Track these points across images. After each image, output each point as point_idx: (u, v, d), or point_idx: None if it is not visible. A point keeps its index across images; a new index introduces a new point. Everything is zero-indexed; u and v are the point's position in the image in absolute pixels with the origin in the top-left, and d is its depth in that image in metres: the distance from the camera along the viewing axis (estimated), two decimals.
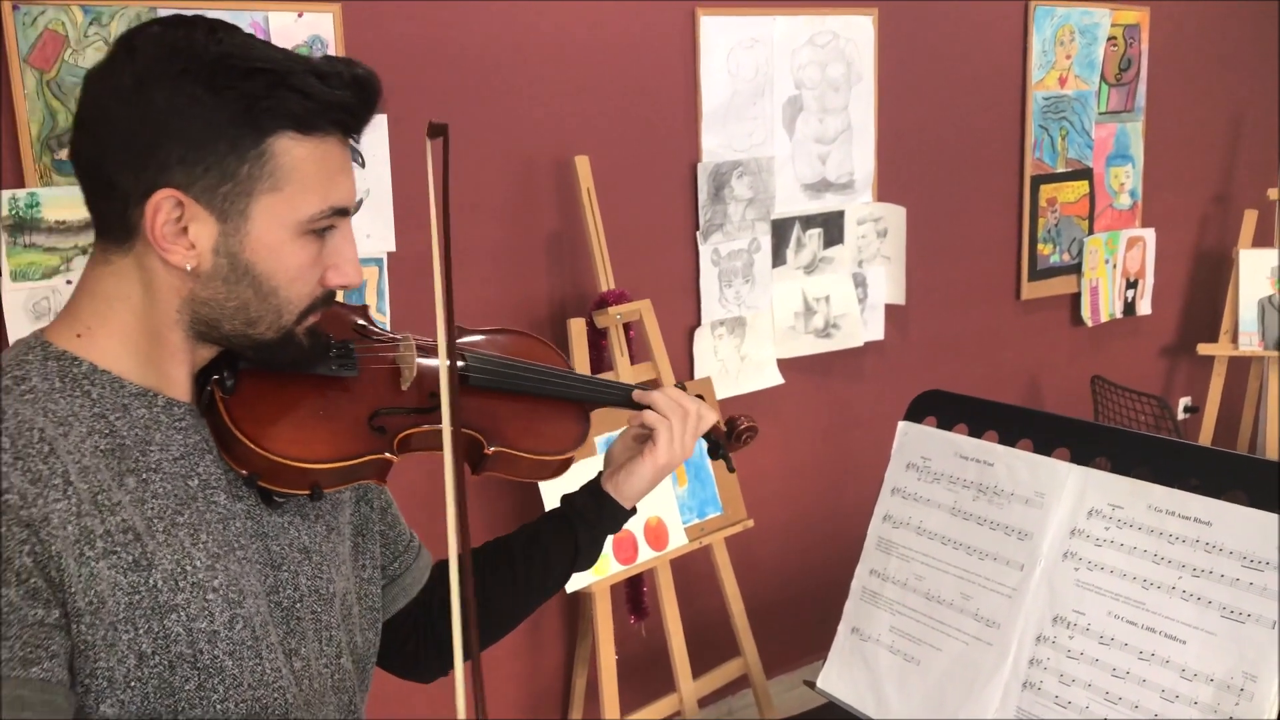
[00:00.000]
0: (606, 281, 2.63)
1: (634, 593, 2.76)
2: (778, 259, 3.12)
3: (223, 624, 0.92)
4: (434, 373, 1.09)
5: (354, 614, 1.10)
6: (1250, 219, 3.82)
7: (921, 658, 1.33)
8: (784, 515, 3.28)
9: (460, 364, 1.13)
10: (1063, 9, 3.68)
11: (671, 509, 2.60)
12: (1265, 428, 3.93)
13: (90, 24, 2.07)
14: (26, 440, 0.86)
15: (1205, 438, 3.85)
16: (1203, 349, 3.86)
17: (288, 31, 2.27)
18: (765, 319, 3.12)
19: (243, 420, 0.95)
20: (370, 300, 2.44)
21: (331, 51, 2.33)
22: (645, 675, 2.93)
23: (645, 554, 2.53)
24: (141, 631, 0.88)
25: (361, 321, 1.14)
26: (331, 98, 0.91)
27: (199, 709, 0.91)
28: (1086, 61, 3.79)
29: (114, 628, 0.86)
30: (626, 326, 2.63)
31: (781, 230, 3.11)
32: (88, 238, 2.10)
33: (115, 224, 0.92)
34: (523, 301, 2.71)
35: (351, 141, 0.98)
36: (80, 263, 2.09)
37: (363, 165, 1.01)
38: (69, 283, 2.09)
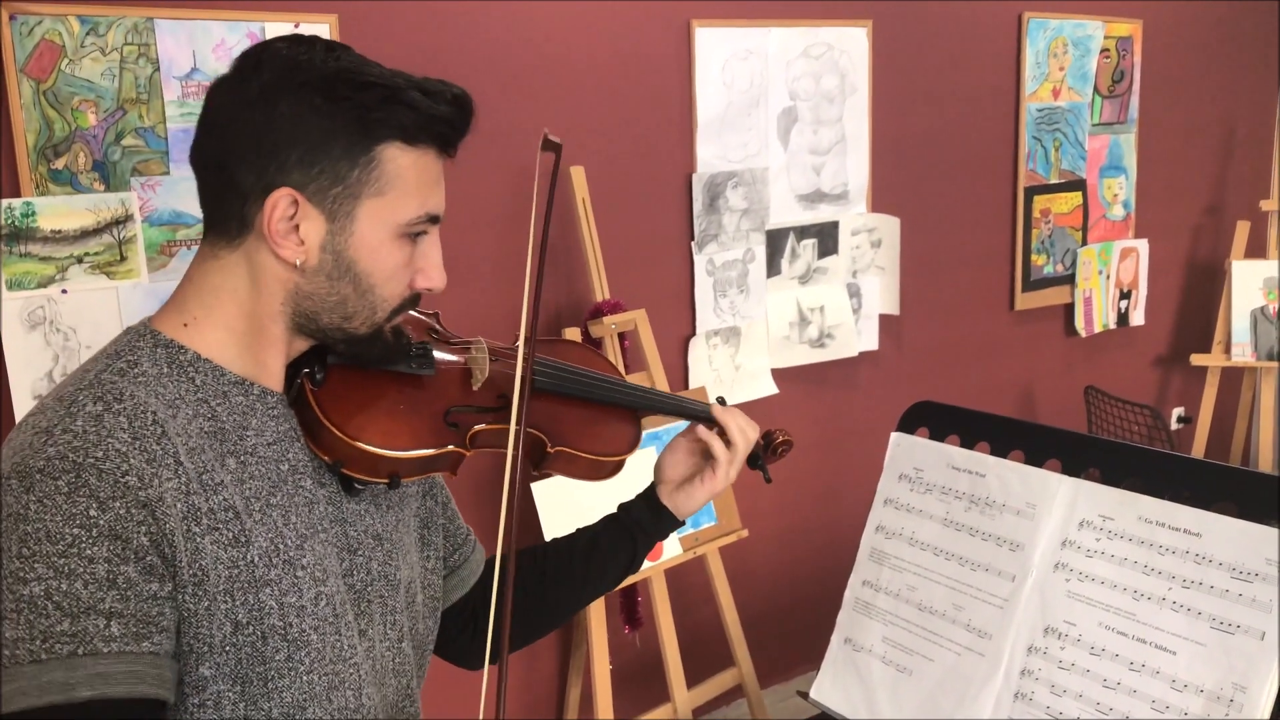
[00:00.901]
0: (601, 291, 2.63)
1: (628, 603, 2.76)
2: (772, 269, 3.13)
3: (309, 600, 0.99)
4: (503, 375, 1.18)
5: (418, 602, 1.16)
6: (1243, 230, 3.84)
7: (914, 668, 1.33)
8: (778, 525, 3.28)
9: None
10: (1056, 21, 3.70)
11: None
12: (1258, 438, 3.95)
13: (87, 34, 2.08)
14: (143, 422, 0.92)
15: (1199, 448, 3.86)
16: (1196, 359, 3.87)
17: None
18: (760, 329, 3.13)
19: (331, 411, 1.03)
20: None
21: None
22: (640, 685, 2.93)
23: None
24: (238, 603, 0.94)
25: (435, 326, 1.22)
26: (435, 112, 1.00)
27: (286, 678, 0.97)
28: (1079, 73, 3.81)
29: (215, 598, 0.92)
30: (621, 336, 2.64)
31: (776, 240, 3.12)
32: (83, 247, 2.10)
33: (231, 219, 0.99)
34: (518, 310, 2.71)
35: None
36: (76, 272, 2.10)
37: (453, 158, 1.07)
38: (64, 292, 2.09)
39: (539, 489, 2.37)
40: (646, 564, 2.53)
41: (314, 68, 0.97)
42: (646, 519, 1.34)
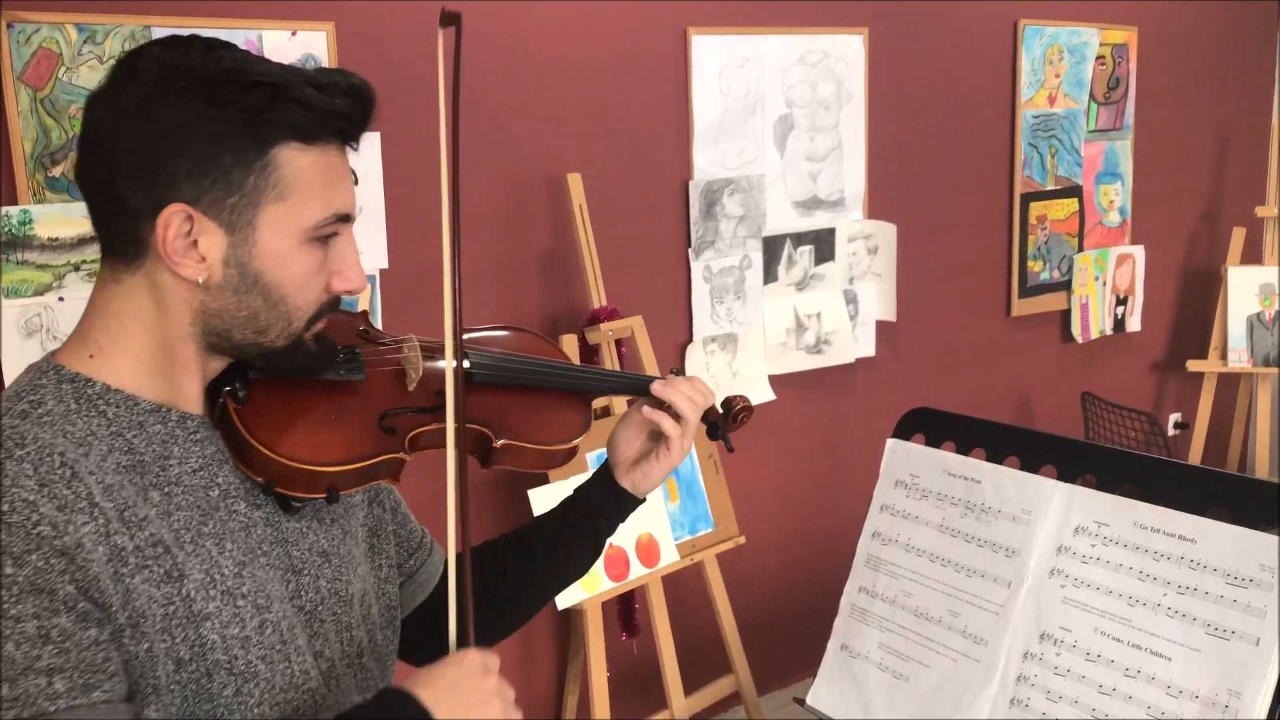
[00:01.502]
0: (599, 298, 2.64)
1: (625, 610, 2.76)
2: (769, 276, 3.13)
3: (254, 629, 0.95)
4: (439, 372, 1.12)
5: (373, 614, 1.12)
6: (1238, 236, 3.85)
7: (910, 674, 1.33)
8: (776, 531, 3.28)
9: (465, 362, 1.16)
10: (1051, 28, 3.71)
11: (663, 525, 2.60)
12: (1255, 444, 3.95)
13: (84, 42, 2.08)
14: (49, 466, 0.87)
15: (1195, 454, 3.87)
16: (1192, 365, 3.88)
17: (281, 50, 2.29)
18: (757, 335, 3.13)
19: (258, 428, 0.98)
20: (363, 308, 2.45)
21: None
22: (637, 692, 2.93)
23: (637, 571, 2.53)
24: (179, 640, 0.90)
25: (363, 327, 1.17)
26: (330, 107, 0.94)
27: (236, 713, 0.93)
28: (1075, 80, 3.82)
29: (154, 639, 0.88)
30: (618, 342, 2.64)
31: (773, 247, 3.13)
32: (80, 254, 2.11)
33: (125, 242, 0.94)
34: (515, 317, 2.72)
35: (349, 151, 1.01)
36: (73, 280, 2.10)
37: (356, 182, 1.01)
38: (61, 299, 2.09)
39: (535, 494, 2.37)
40: (643, 570, 2.53)
41: (194, 71, 0.90)
42: (606, 502, 1.29)
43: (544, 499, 2.39)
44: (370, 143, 2.41)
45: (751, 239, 3.08)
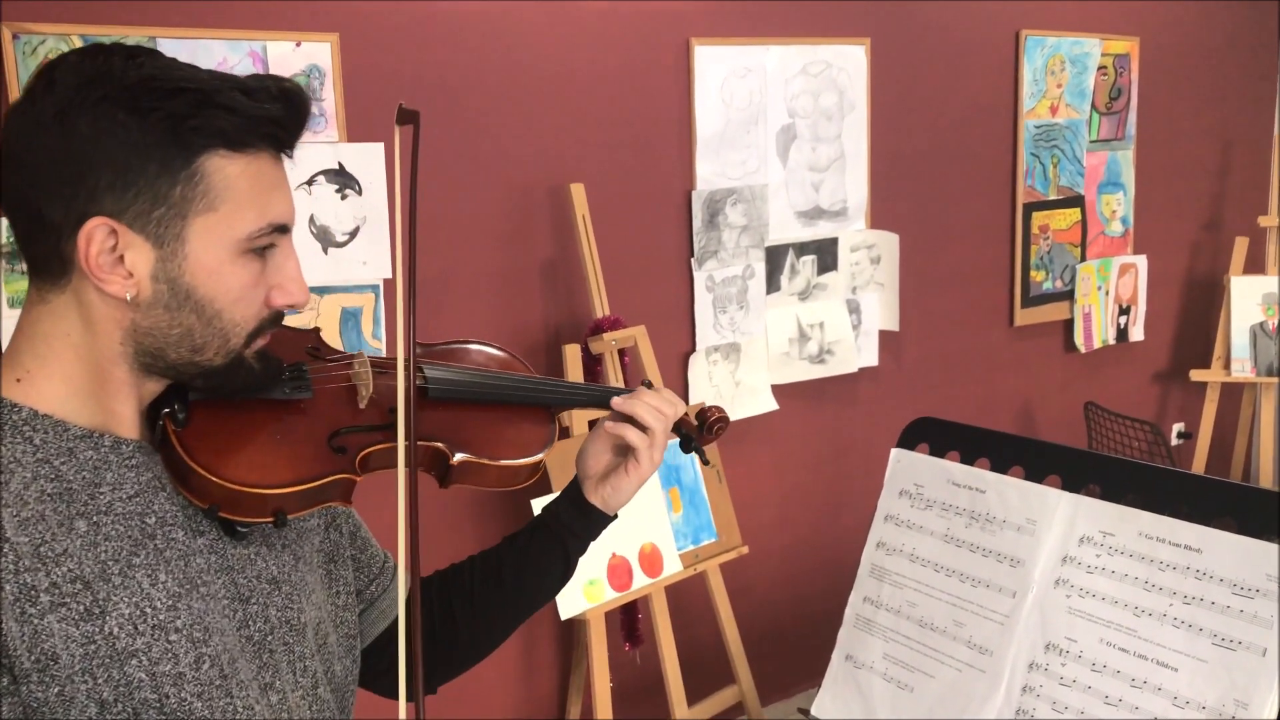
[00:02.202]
0: (601, 308, 2.64)
1: (629, 620, 2.75)
2: (772, 285, 3.13)
3: (188, 665, 0.90)
4: (391, 389, 1.07)
5: (330, 642, 1.07)
6: (1241, 246, 3.85)
7: (915, 685, 1.33)
8: (779, 541, 3.28)
9: (419, 377, 1.12)
10: (1053, 39, 3.72)
11: (666, 536, 2.60)
12: (1259, 454, 3.94)
13: None
14: None
15: (1199, 464, 3.86)
16: (1195, 375, 3.87)
17: (286, 61, 2.30)
18: (760, 345, 3.13)
19: (198, 451, 0.93)
20: (367, 327, 2.45)
21: (330, 81, 2.35)
22: (640, 703, 2.92)
23: (640, 581, 2.53)
24: (101, 680, 0.85)
25: (313, 345, 1.12)
26: (259, 112, 0.90)
27: None
28: (1077, 90, 3.83)
29: (70, 681, 0.83)
30: (621, 352, 2.64)
31: (775, 257, 3.13)
32: None
33: (49, 259, 0.89)
34: (518, 327, 2.72)
35: (285, 155, 0.97)
36: None
37: (291, 158, 0.99)
38: None
39: (538, 505, 2.37)
40: (646, 581, 2.53)
41: (113, 78, 0.86)
42: (574, 520, 1.23)
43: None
44: (373, 153, 2.41)
45: (754, 249, 3.08)
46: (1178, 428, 4.45)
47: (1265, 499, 1.15)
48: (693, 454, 1.30)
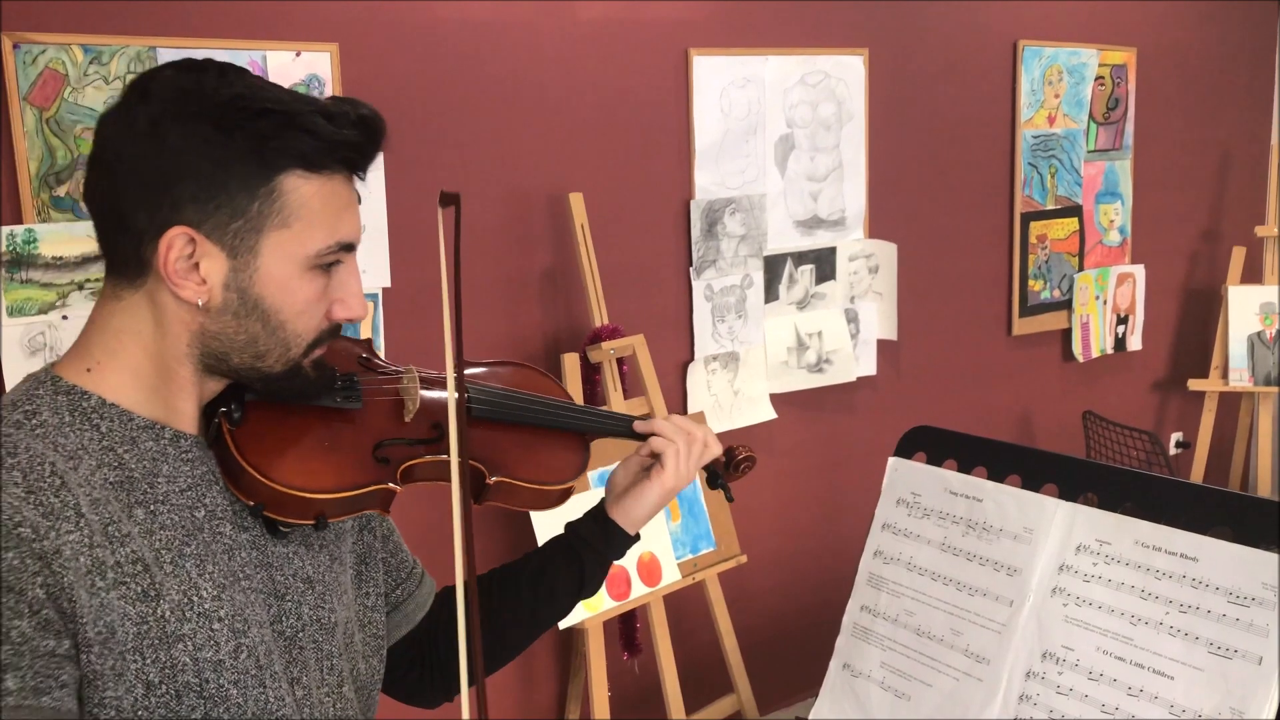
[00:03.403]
0: (600, 316, 2.64)
1: (627, 629, 2.75)
2: (770, 295, 3.14)
3: (228, 653, 0.94)
4: (437, 404, 1.11)
5: (356, 642, 1.11)
6: (1239, 255, 3.86)
7: (912, 694, 1.33)
8: (777, 550, 3.28)
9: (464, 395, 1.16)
10: (1051, 49, 3.73)
11: (665, 544, 2.60)
12: (1257, 463, 3.95)
13: (90, 63, 2.10)
14: (38, 474, 0.88)
15: (1197, 473, 3.86)
16: (1193, 384, 3.88)
17: (285, 70, 2.30)
18: (758, 354, 3.14)
19: (250, 451, 0.98)
20: (365, 334, 2.46)
21: (329, 91, 2.36)
22: (638, 712, 2.92)
23: (638, 590, 2.53)
24: (149, 661, 0.89)
25: (365, 355, 1.16)
26: (338, 137, 0.94)
27: None
28: (1075, 100, 3.84)
29: (123, 657, 0.88)
30: (620, 361, 2.65)
31: (774, 266, 3.14)
32: (84, 273, 2.11)
33: (128, 260, 0.94)
34: (517, 336, 2.73)
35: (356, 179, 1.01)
36: (76, 298, 2.11)
37: (359, 202, 1.02)
38: (65, 318, 2.10)
39: (537, 518, 2.37)
40: (644, 589, 2.53)
41: (205, 95, 0.91)
42: (594, 535, 1.26)
43: (545, 520, 2.39)
44: (375, 162, 2.41)
45: (753, 258, 3.09)
46: (1176, 437, 4.46)
47: (1261, 508, 1.15)
48: (718, 489, 1.34)
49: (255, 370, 0.98)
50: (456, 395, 0.94)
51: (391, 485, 1.04)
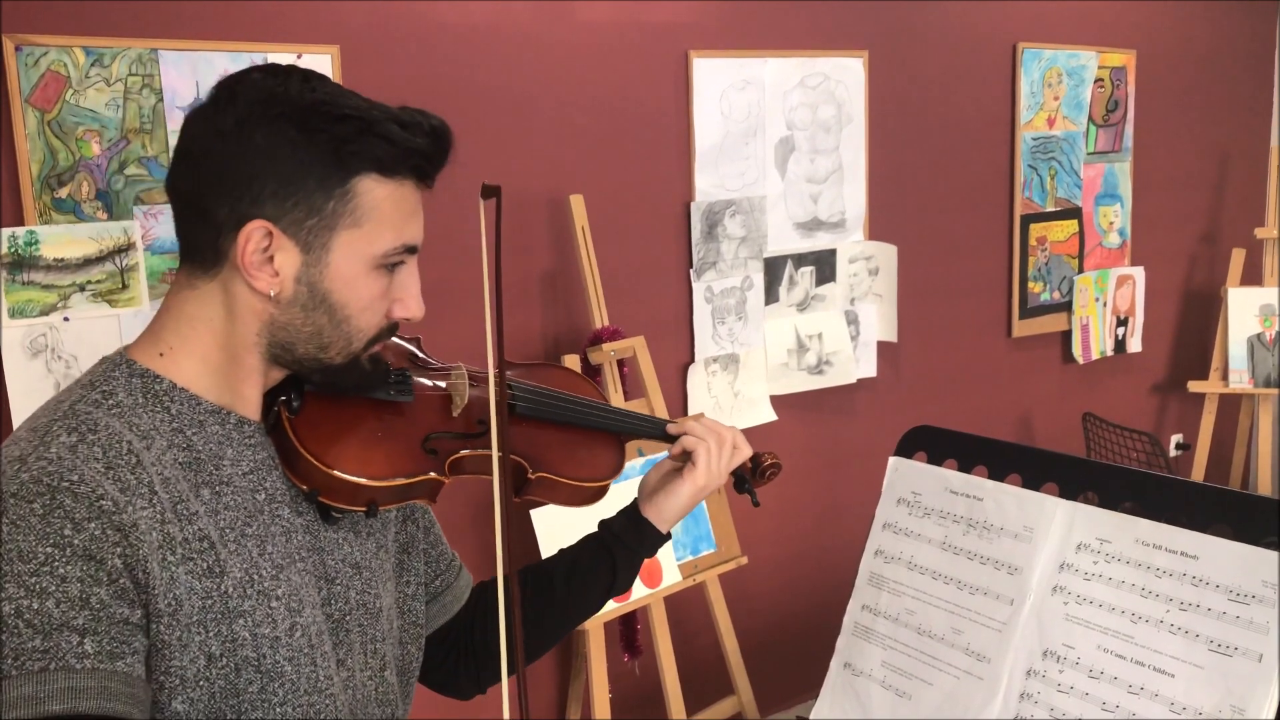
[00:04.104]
0: (601, 318, 2.65)
1: (628, 630, 2.75)
2: (770, 296, 3.14)
3: (284, 630, 0.98)
4: (483, 401, 1.16)
5: (396, 629, 1.15)
6: (1238, 258, 3.86)
7: (913, 692, 1.33)
8: (778, 551, 3.28)
9: (508, 395, 1.21)
10: (1050, 51, 3.74)
11: (665, 546, 2.60)
12: (1257, 465, 3.95)
13: (92, 65, 2.10)
14: (117, 451, 0.92)
15: (1198, 475, 3.87)
16: (1193, 386, 3.88)
17: None
18: (758, 356, 3.14)
19: (308, 439, 1.02)
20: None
21: None
22: (639, 713, 2.92)
23: (639, 591, 2.53)
24: (212, 634, 0.93)
25: (416, 352, 1.21)
26: (411, 145, 1.00)
27: (259, 710, 0.96)
28: (1074, 103, 3.85)
29: (188, 629, 0.92)
30: (620, 363, 2.65)
31: (774, 268, 3.14)
32: (85, 275, 2.12)
33: (205, 250, 0.99)
34: (518, 338, 2.73)
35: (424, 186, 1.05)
36: (78, 300, 2.11)
37: (431, 188, 1.10)
38: (66, 320, 2.10)
39: (537, 515, 2.38)
40: (645, 591, 2.53)
41: (290, 99, 0.96)
42: (626, 533, 1.30)
43: (546, 519, 2.39)
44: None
45: (753, 260, 3.09)
46: (1176, 439, 4.46)
47: (1261, 505, 1.15)
48: (745, 494, 1.38)
49: (317, 361, 1.02)
50: (497, 390, 0.99)
51: (440, 476, 1.08)
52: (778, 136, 3.09)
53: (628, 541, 1.30)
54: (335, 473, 1.01)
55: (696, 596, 2.80)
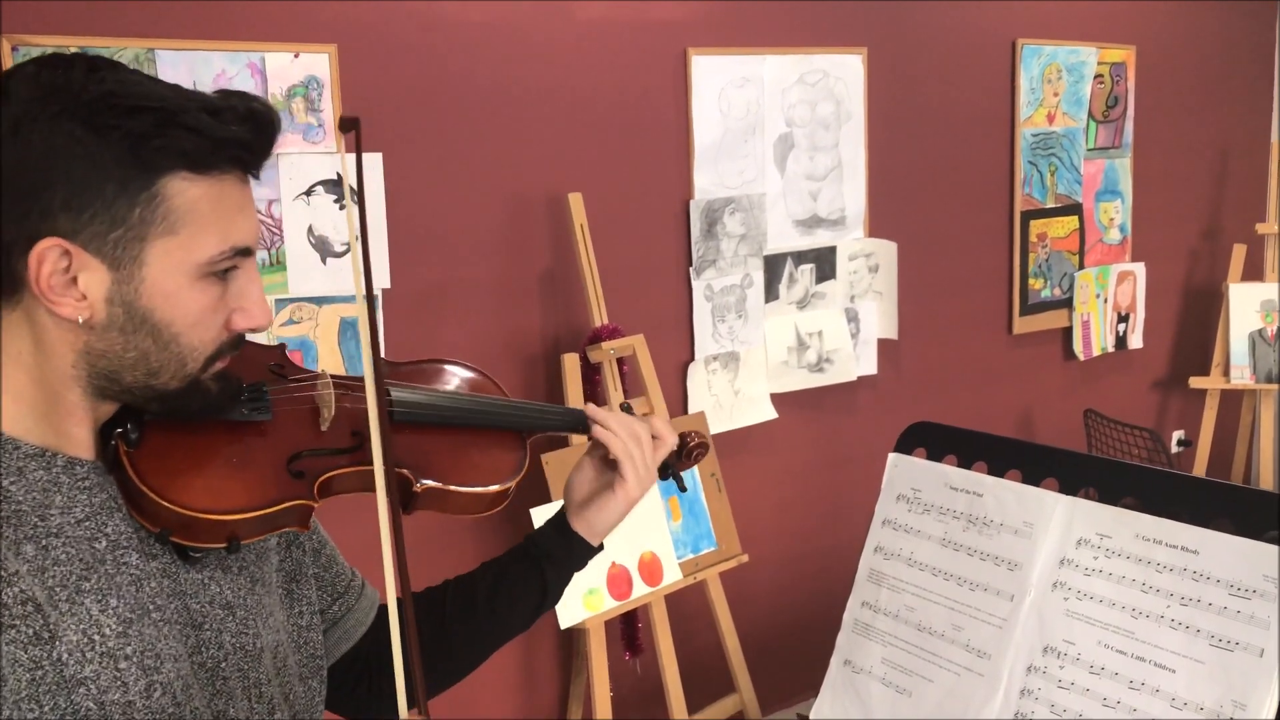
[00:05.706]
0: (600, 316, 2.64)
1: (629, 629, 2.75)
2: (770, 294, 3.14)
3: (138, 693, 0.87)
4: (355, 411, 1.04)
5: (290, 665, 1.04)
6: (1239, 253, 3.86)
7: (913, 689, 1.33)
8: (778, 549, 3.27)
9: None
10: (1050, 47, 3.73)
11: (666, 544, 2.60)
12: (1259, 461, 3.94)
13: None
14: None
15: (1199, 471, 3.86)
16: (1195, 382, 3.88)
17: (284, 72, 2.31)
18: (758, 354, 3.13)
19: (150, 474, 0.90)
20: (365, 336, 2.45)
21: (328, 92, 2.36)
22: (640, 712, 2.91)
23: (640, 590, 2.53)
24: (48, 709, 0.82)
25: (276, 363, 1.08)
26: (225, 134, 0.87)
27: None
28: (1074, 99, 3.84)
29: (17, 706, 0.81)
30: (620, 361, 2.65)
31: (774, 266, 3.14)
32: None
33: (1, 277, 0.86)
34: (516, 337, 2.73)
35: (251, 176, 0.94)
36: None
37: (258, 179, 0.95)
38: None
39: (537, 514, 2.37)
40: (646, 589, 2.53)
41: (71, 92, 0.83)
42: (556, 547, 1.20)
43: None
44: (372, 162, 2.42)
45: (752, 258, 3.09)
46: (1177, 435, 4.45)
47: (1261, 500, 1.15)
48: (670, 480, 1.28)
49: (150, 389, 0.90)
50: (375, 395, 0.88)
51: (308, 500, 0.97)
52: (777, 134, 3.09)
53: (558, 558, 1.21)
54: (185, 509, 0.89)
55: (697, 595, 2.80)
